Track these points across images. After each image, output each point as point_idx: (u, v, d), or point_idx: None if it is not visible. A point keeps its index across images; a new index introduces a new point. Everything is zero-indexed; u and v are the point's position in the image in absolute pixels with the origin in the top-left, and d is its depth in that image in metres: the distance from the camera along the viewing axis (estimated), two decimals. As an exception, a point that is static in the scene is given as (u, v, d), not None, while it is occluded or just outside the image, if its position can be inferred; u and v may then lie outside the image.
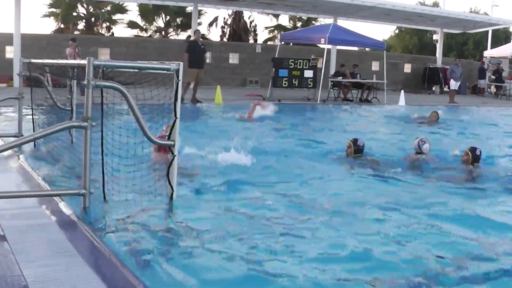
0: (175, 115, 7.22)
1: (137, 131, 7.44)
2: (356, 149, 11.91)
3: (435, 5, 60.24)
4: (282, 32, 39.39)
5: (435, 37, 44.59)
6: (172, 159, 7.35)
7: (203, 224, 7.11)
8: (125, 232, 6.53)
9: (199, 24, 42.29)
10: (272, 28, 50.22)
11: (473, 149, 11.64)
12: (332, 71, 33.87)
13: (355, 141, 12.03)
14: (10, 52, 28.57)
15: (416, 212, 8.17)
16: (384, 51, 32.47)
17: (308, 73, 28.76)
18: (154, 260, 5.78)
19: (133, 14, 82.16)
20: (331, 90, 29.85)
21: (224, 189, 9.05)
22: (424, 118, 21.03)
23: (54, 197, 7.30)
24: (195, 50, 24.68)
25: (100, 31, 44.62)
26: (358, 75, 30.85)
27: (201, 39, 26.39)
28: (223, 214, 7.66)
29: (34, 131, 10.96)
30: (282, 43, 34.62)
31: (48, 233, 6.05)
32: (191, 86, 24.37)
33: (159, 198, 7.58)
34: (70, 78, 10.73)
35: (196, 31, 27.49)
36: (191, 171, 9.93)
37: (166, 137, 7.48)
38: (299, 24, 49.11)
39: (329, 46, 32.83)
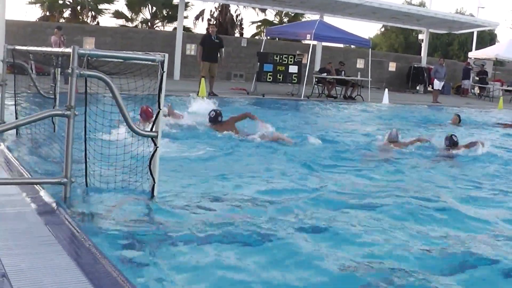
0: (159, 107, 7.20)
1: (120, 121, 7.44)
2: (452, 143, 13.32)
3: (422, 5, 60.39)
4: (268, 27, 39.35)
5: (420, 36, 44.68)
6: (155, 151, 7.32)
7: (185, 216, 7.13)
8: (106, 222, 6.52)
9: (185, 17, 42.18)
10: (259, 23, 50.16)
11: (450, 136, 13.47)
12: (317, 67, 33.89)
13: (451, 136, 13.50)
14: (-6, 38, 28.39)
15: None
16: (370, 49, 32.50)
17: (293, 69, 28.82)
18: (134, 251, 5.79)
19: (120, 4, 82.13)
20: (316, 86, 29.92)
21: (207, 180, 9.09)
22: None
23: (35, 186, 7.27)
24: (206, 43, 25.61)
25: (85, 20, 44.38)
26: (343, 72, 30.91)
27: (216, 34, 26.81)
28: (206, 206, 7.68)
29: (16, 118, 10.90)
30: (268, 37, 34.63)
31: (28, 221, 6.02)
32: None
33: (140, 188, 7.56)
34: (54, 66, 10.68)
35: (211, 26, 28.39)
36: None
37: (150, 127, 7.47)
38: (285, 19, 49.00)
39: (315, 42, 32.89)
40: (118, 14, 45.52)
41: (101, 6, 44.95)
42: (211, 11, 48.65)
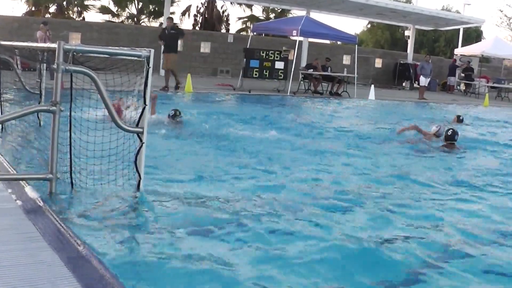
0: (145, 102, 7.19)
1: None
2: (447, 137, 13.68)
3: (408, 1, 60.48)
4: (255, 23, 39.35)
5: (406, 33, 44.85)
6: (140, 146, 7.31)
7: (170, 212, 7.13)
8: (91, 218, 6.51)
9: (172, 13, 42.07)
10: (245, 19, 50.12)
11: (447, 131, 13.80)
12: (304, 63, 33.93)
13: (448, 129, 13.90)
14: (-20, 33, 28.23)
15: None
16: (356, 45, 32.52)
17: (279, 65, 28.78)
18: (120, 246, 5.78)
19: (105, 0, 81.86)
20: (302, 82, 29.93)
21: (193, 177, 9.09)
22: None
23: (20, 181, 7.24)
24: (162, 37, 25.34)
25: (71, 15, 44.23)
26: (329, 68, 30.94)
27: (172, 25, 26.32)
28: (193, 200, 7.69)
29: (1, 114, 10.86)
30: (254, 33, 34.63)
31: (13, 217, 6.00)
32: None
33: (126, 184, 7.55)
34: (40, 61, 10.64)
35: (168, 19, 27.85)
36: None
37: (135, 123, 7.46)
38: (272, 15, 49.04)
39: (301, 38, 32.90)
40: (104, 10, 45.40)
41: (87, 2, 44.86)
42: (197, 7, 48.65)
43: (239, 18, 50.80)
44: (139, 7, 46.28)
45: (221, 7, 48.41)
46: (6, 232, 5.53)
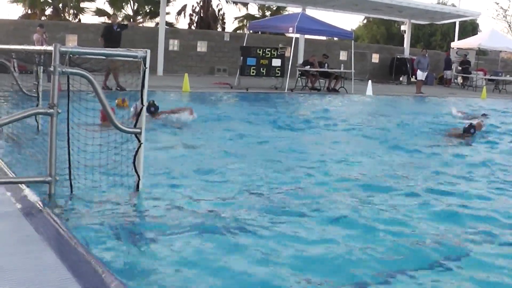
0: (142, 103, 7.20)
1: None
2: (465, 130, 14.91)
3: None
4: (251, 21, 39.33)
5: (403, 27, 44.77)
6: (138, 147, 7.33)
7: (170, 212, 7.13)
8: (91, 220, 6.51)
9: (168, 13, 42.07)
10: (241, 18, 50.11)
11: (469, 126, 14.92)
12: (300, 60, 33.88)
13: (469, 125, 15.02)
14: (-24, 37, 28.17)
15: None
16: (352, 41, 32.50)
17: (276, 62, 28.74)
18: (120, 247, 5.79)
19: (101, 1, 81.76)
20: (299, 79, 29.91)
21: (191, 178, 9.09)
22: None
23: (19, 185, 7.24)
24: (110, 34, 23.41)
25: (67, 17, 44.18)
26: (326, 65, 30.90)
27: (117, 23, 25.00)
28: (191, 201, 7.69)
29: (-1, 117, 10.86)
30: (251, 31, 34.63)
31: (13, 220, 6.01)
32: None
33: (126, 185, 7.56)
34: (36, 64, 10.64)
35: (113, 15, 27.22)
36: None
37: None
38: (268, 13, 48.97)
39: (297, 35, 32.88)
40: (99, 12, 45.35)
41: (82, 4, 44.80)
42: (193, 6, 48.66)
43: (236, 18, 50.84)
44: (135, 8, 46.23)
45: (217, 6, 48.48)
46: (6, 235, 5.54)
